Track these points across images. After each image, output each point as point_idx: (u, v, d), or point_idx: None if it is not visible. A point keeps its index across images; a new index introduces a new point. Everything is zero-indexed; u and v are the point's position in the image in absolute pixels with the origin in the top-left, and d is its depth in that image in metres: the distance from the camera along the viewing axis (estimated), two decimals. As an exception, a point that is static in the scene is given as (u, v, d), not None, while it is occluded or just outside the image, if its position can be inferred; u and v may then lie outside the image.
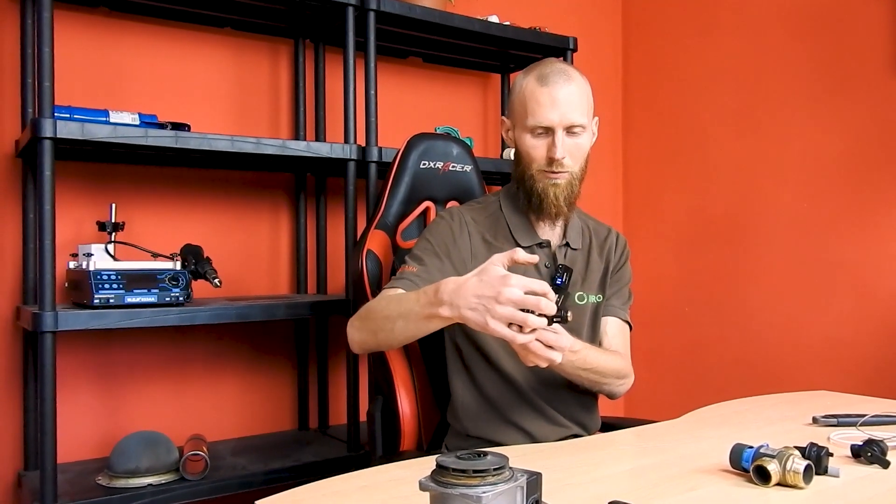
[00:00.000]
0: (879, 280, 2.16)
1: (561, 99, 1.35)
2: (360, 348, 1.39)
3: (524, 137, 1.40)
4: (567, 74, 1.38)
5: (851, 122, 2.22)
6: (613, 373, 1.42)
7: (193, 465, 1.70)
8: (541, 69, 1.39)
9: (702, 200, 2.64)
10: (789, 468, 0.99)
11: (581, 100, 1.38)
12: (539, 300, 1.06)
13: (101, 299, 1.59)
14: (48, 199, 1.52)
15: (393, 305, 1.26)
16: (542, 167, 1.39)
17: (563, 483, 1.02)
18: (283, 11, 2.00)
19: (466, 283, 1.11)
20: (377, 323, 1.29)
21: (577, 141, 1.38)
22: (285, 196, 2.21)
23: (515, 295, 1.06)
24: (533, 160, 1.39)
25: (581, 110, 1.37)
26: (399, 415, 1.53)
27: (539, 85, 1.36)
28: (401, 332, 1.25)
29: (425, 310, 1.16)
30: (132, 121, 1.68)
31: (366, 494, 1.02)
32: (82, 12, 1.90)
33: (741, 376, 2.48)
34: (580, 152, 1.40)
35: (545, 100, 1.35)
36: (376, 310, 1.30)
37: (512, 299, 1.06)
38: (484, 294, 1.08)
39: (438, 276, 1.32)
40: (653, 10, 2.85)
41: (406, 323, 1.22)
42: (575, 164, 1.39)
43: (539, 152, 1.38)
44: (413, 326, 1.22)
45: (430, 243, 1.41)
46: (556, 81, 1.36)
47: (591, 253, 1.51)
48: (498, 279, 1.08)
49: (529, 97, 1.37)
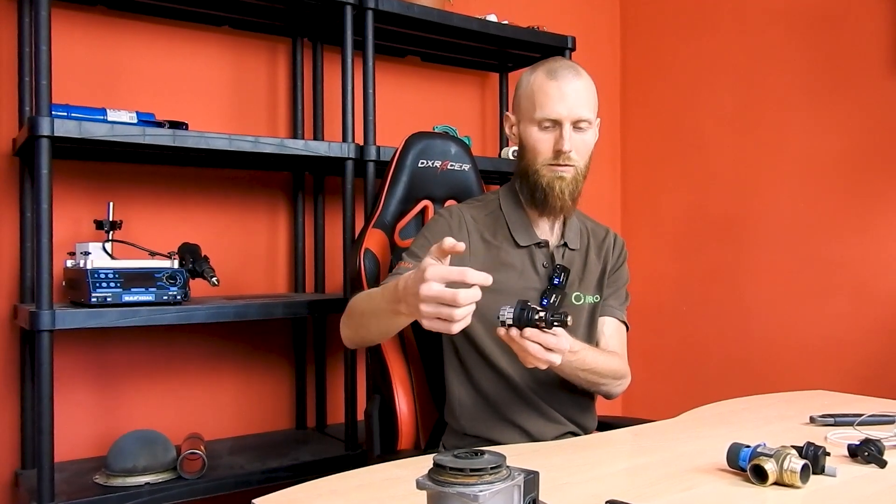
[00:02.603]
0: (877, 279, 2.16)
1: (570, 93, 1.37)
2: (349, 343, 1.40)
3: (531, 131, 1.40)
4: (576, 70, 1.40)
5: (850, 121, 2.23)
6: (611, 373, 1.42)
7: (191, 463, 1.70)
8: (550, 64, 1.41)
9: (700, 200, 2.64)
10: (786, 467, 0.99)
11: (589, 96, 1.40)
12: (456, 294, 0.99)
13: (98, 298, 1.59)
14: (45, 197, 1.52)
15: (367, 302, 1.26)
16: (548, 160, 1.39)
17: (561, 482, 1.02)
18: (281, 10, 2.00)
19: (407, 282, 1.06)
20: (356, 319, 1.31)
21: (583, 137, 1.39)
22: (283, 195, 2.21)
23: (432, 291, 1.00)
24: (539, 153, 1.39)
25: (589, 106, 1.39)
26: (397, 414, 1.53)
27: (548, 79, 1.38)
28: (375, 328, 1.26)
29: (391, 306, 1.14)
30: (130, 119, 1.67)
31: (363, 493, 1.02)
32: (80, 10, 1.90)
33: (739, 376, 2.48)
34: (585, 148, 1.41)
35: (554, 93, 1.37)
36: (355, 306, 1.32)
37: (430, 296, 1.00)
38: (410, 293, 1.04)
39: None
40: (651, 10, 2.85)
41: (378, 319, 1.23)
42: (580, 160, 1.40)
43: (546, 145, 1.38)
44: (385, 322, 1.21)
45: (428, 240, 1.41)
46: (566, 76, 1.37)
47: (589, 253, 1.51)
48: (416, 277, 1.03)
49: (538, 90, 1.38)
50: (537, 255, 1.44)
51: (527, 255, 1.44)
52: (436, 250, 1.06)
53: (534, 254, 1.44)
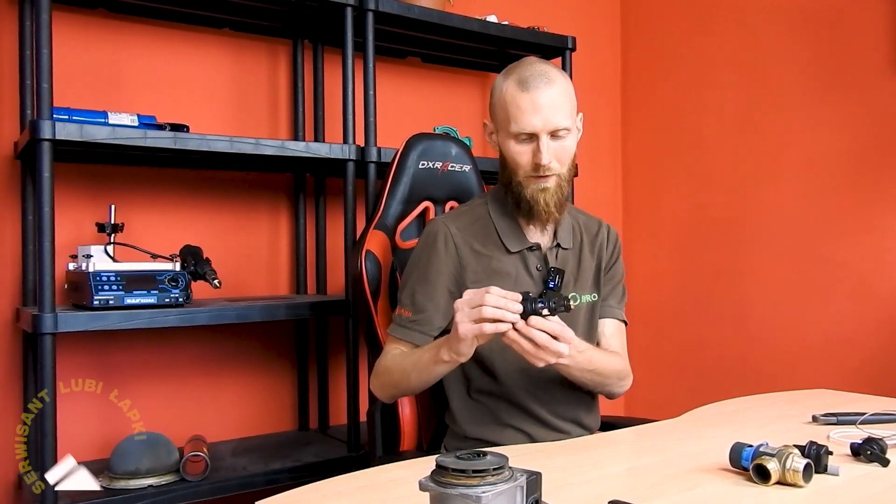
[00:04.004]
0: (879, 278, 2.16)
1: (543, 104, 1.33)
2: (389, 400, 1.49)
3: (508, 143, 1.38)
4: (547, 77, 1.35)
5: (851, 120, 2.22)
6: (615, 374, 1.42)
7: (194, 465, 1.70)
8: (520, 72, 1.36)
9: (701, 199, 2.64)
10: (789, 467, 0.99)
11: (563, 102, 1.35)
12: (482, 299, 1.16)
13: (100, 301, 1.59)
14: (47, 200, 1.52)
15: (404, 361, 1.37)
16: (528, 173, 1.37)
17: (563, 482, 1.02)
18: (281, 12, 2.00)
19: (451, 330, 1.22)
20: (394, 377, 1.38)
21: (562, 143, 1.36)
22: (284, 196, 2.21)
23: (496, 301, 1.15)
24: (519, 166, 1.37)
25: (564, 112, 1.35)
26: (399, 415, 1.53)
27: (520, 90, 1.34)
28: (416, 380, 1.35)
29: (432, 358, 1.28)
30: (131, 122, 1.68)
31: (366, 495, 1.02)
32: (81, 13, 1.90)
33: (741, 375, 2.48)
34: (566, 154, 1.38)
35: (527, 105, 1.33)
36: (390, 367, 1.39)
37: (494, 305, 1.15)
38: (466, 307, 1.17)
39: (433, 313, 1.38)
40: (651, 9, 2.85)
41: (419, 373, 1.33)
42: (562, 167, 1.37)
43: (525, 158, 1.36)
44: (425, 374, 1.32)
45: (430, 281, 1.40)
46: (537, 86, 1.33)
47: (583, 250, 1.49)
48: (478, 296, 1.16)
49: (510, 103, 1.35)
50: (530, 259, 1.42)
51: (519, 260, 1.42)
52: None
53: (526, 258, 1.42)
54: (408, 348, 1.39)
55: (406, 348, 1.39)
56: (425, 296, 1.39)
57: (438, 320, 1.39)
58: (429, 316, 1.38)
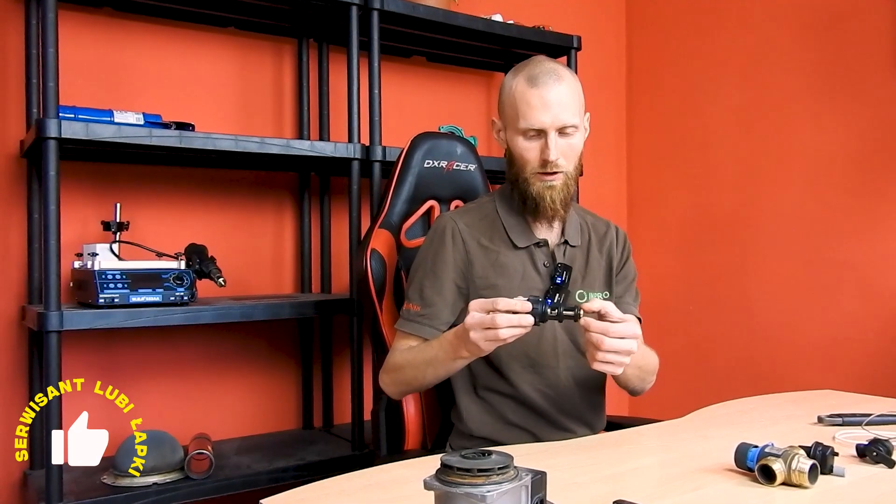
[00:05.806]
0: (885, 278, 2.15)
1: (552, 100, 1.34)
2: (399, 396, 1.49)
3: (516, 140, 1.39)
4: (557, 74, 1.36)
5: (855, 120, 2.22)
6: (654, 368, 1.45)
7: (198, 464, 1.70)
8: (530, 69, 1.38)
9: (706, 199, 2.64)
10: (794, 467, 0.99)
11: (572, 99, 1.37)
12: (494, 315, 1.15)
13: (105, 299, 1.59)
14: (53, 198, 1.52)
15: (418, 356, 1.35)
16: (535, 170, 1.38)
17: (568, 482, 1.02)
18: (286, 11, 2.00)
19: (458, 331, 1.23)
20: (407, 373, 1.38)
21: (569, 141, 1.37)
22: (289, 195, 2.21)
23: (475, 318, 1.17)
24: (527, 163, 1.38)
25: (572, 110, 1.36)
26: (403, 414, 1.53)
27: (529, 87, 1.35)
28: (433, 375, 1.34)
29: (450, 353, 1.27)
30: (136, 121, 1.68)
31: (370, 493, 1.02)
32: (86, 12, 1.90)
33: (746, 375, 2.47)
34: (573, 152, 1.39)
35: (536, 102, 1.34)
36: (402, 363, 1.38)
37: (507, 325, 1.15)
38: (479, 328, 1.17)
39: (442, 308, 1.38)
40: (656, 9, 2.84)
41: (435, 368, 1.32)
42: (569, 164, 1.38)
43: (532, 154, 1.37)
44: (443, 369, 1.32)
45: (436, 276, 1.40)
46: (546, 82, 1.35)
47: (591, 249, 1.49)
48: (489, 318, 1.15)
49: (520, 99, 1.36)
50: (537, 255, 1.43)
51: (527, 256, 1.42)
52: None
53: (534, 254, 1.43)
54: (417, 343, 1.39)
55: (415, 343, 1.39)
56: (433, 290, 1.40)
57: (447, 314, 1.39)
58: (437, 310, 1.39)
